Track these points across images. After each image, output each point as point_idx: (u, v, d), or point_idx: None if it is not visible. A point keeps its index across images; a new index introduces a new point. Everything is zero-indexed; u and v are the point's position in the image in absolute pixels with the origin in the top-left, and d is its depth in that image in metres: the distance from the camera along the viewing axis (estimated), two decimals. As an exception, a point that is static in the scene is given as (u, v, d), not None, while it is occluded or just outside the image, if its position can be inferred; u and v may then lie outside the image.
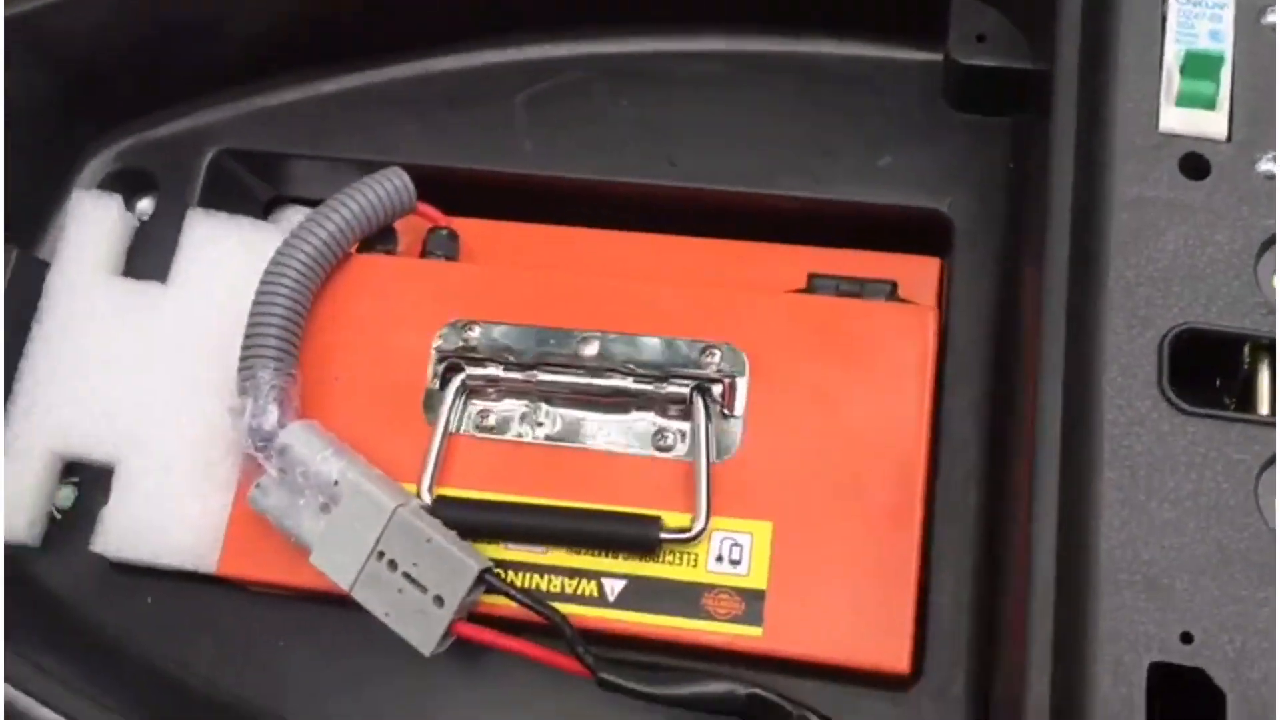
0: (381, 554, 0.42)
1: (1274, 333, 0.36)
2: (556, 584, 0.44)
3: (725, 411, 0.45)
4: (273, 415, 0.44)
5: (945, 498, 0.44)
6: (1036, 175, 0.41)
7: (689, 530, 0.43)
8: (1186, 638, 0.33)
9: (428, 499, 0.44)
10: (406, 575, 0.42)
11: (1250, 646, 0.33)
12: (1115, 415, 0.35)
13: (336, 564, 0.43)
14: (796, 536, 0.43)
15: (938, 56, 0.49)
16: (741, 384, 0.45)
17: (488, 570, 0.42)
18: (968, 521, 0.44)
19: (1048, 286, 0.38)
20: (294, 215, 0.54)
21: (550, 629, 0.42)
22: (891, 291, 0.47)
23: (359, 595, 0.43)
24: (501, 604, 0.43)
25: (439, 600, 0.42)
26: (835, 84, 0.50)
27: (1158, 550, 0.34)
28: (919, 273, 0.48)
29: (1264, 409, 0.36)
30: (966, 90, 0.48)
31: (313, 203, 0.53)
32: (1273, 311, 0.36)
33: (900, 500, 0.43)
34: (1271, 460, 0.35)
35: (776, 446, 0.44)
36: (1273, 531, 0.34)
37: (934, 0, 0.48)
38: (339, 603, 0.44)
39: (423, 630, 0.42)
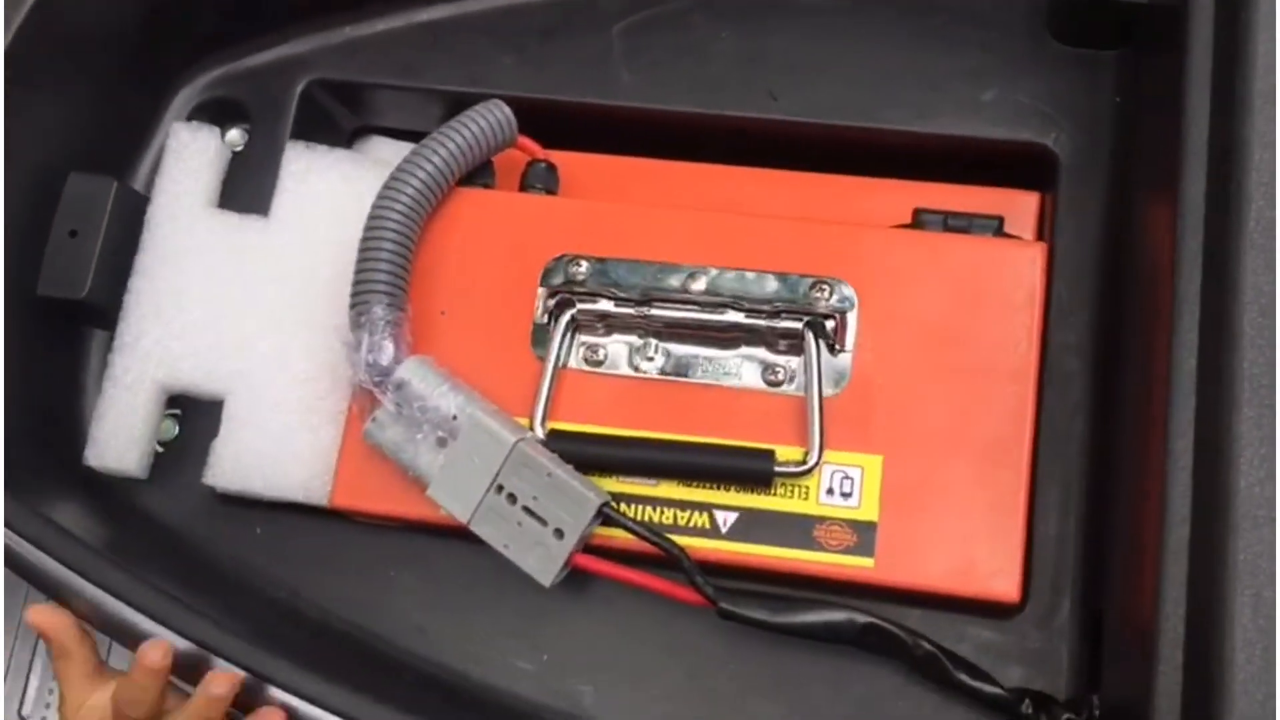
0: (501, 487, 0.43)
1: None
2: (669, 516, 0.45)
3: (836, 346, 0.45)
4: (389, 350, 0.44)
5: (1050, 430, 0.45)
6: (1162, 112, 0.41)
7: (803, 464, 0.44)
8: (1319, 569, 0.34)
9: (540, 433, 0.45)
10: (526, 509, 0.43)
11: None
12: (1255, 355, 0.36)
13: (455, 497, 0.43)
14: (907, 469, 0.44)
15: (1044, -11, 0.48)
16: (851, 319, 0.45)
17: (607, 504, 0.43)
18: (1073, 454, 0.45)
19: (1183, 226, 0.38)
20: (380, 146, 0.54)
21: (667, 560, 0.43)
22: (999, 227, 0.47)
23: (477, 528, 0.43)
24: (616, 536, 0.44)
25: (559, 533, 0.42)
26: (938, 16, 0.50)
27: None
28: (1019, 207, 0.48)
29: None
30: (1073, 24, 0.48)
31: (399, 134, 0.54)
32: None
33: (1009, 433, 0.44)
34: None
35: (886, 381, 0.45)
36: None
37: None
38: (446, 534, 0.45)
39: (543, 561, 0.42)
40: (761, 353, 0.46)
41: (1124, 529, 0.40)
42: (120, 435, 0.46)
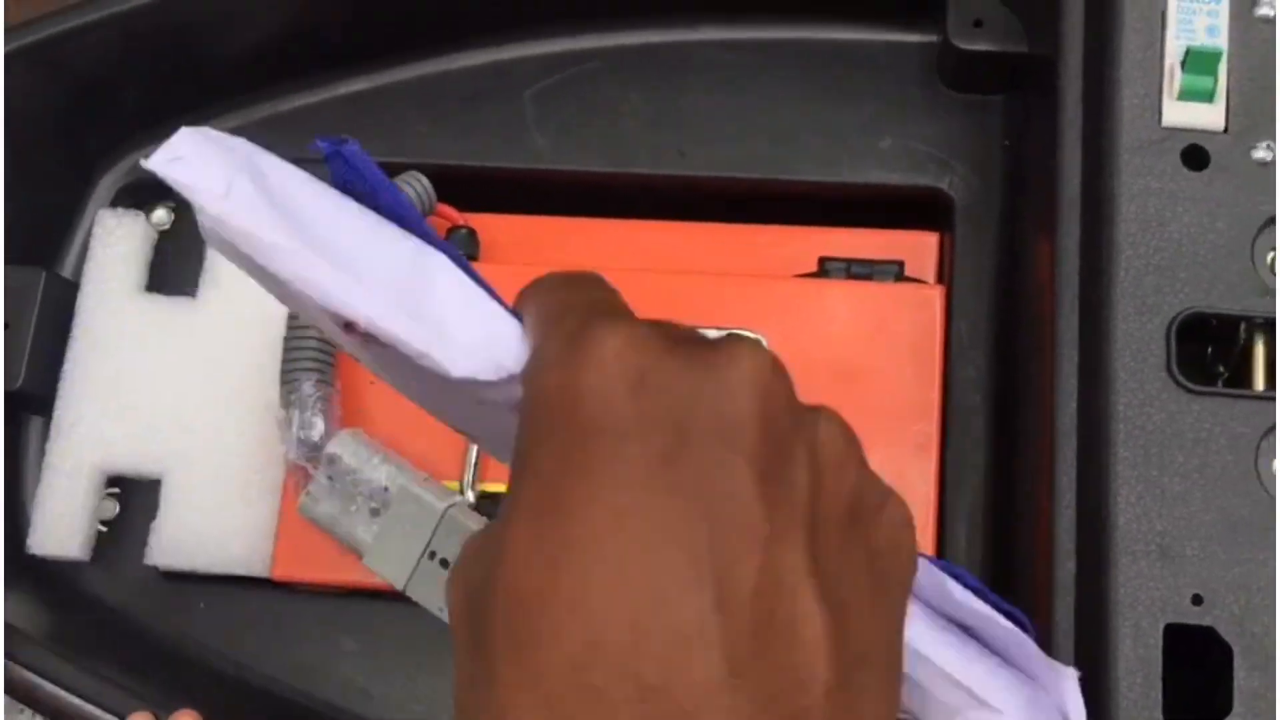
0: (434, 553, 0.45)
1: (1270, 312, 0.39)
2: (599, 569, 0.47)
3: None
4: (319, 426, 0.46)
5: (955, 465, 0.48)
6: (1042, 161, 0.44)
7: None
8: (1197, 600, 0.37)
9: (471, 496, 0.47)
10: (460, 572, 0.45)
11: (1254, 604, 0.37)
12: (1128, 398, 0.39)
13: (391, 565, 0.45)
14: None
15: (933, 38, 0.51)
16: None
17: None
18: (977, 487, 0.47)
19: (1060, 277, 0.41)
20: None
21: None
22: (899, 272, 0.50)
23: (413, 593, 0.45)
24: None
25: (492, 593, 0.44)
26: (836, 69, 0.52)
27: (1169, 521, 0.38)
28: (921, 248, 0.51)
29: (1260, 384, 0.40)
30: (963, 73, 0.51)
31: (324, 202, 0.55)
32: (1269, 293, 0.39)
33: (916, 470, 0.46)
34: (1269, 430, 0.38)
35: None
36: (1272, 498, 0.38)
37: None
38: (387, 597, 0.47)
39: (479, 622, 0.45)
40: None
41: (1022, 561, 0.43)
42: (61, 522, 0.48)
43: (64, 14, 0.50)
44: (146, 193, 0.53)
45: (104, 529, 0.50)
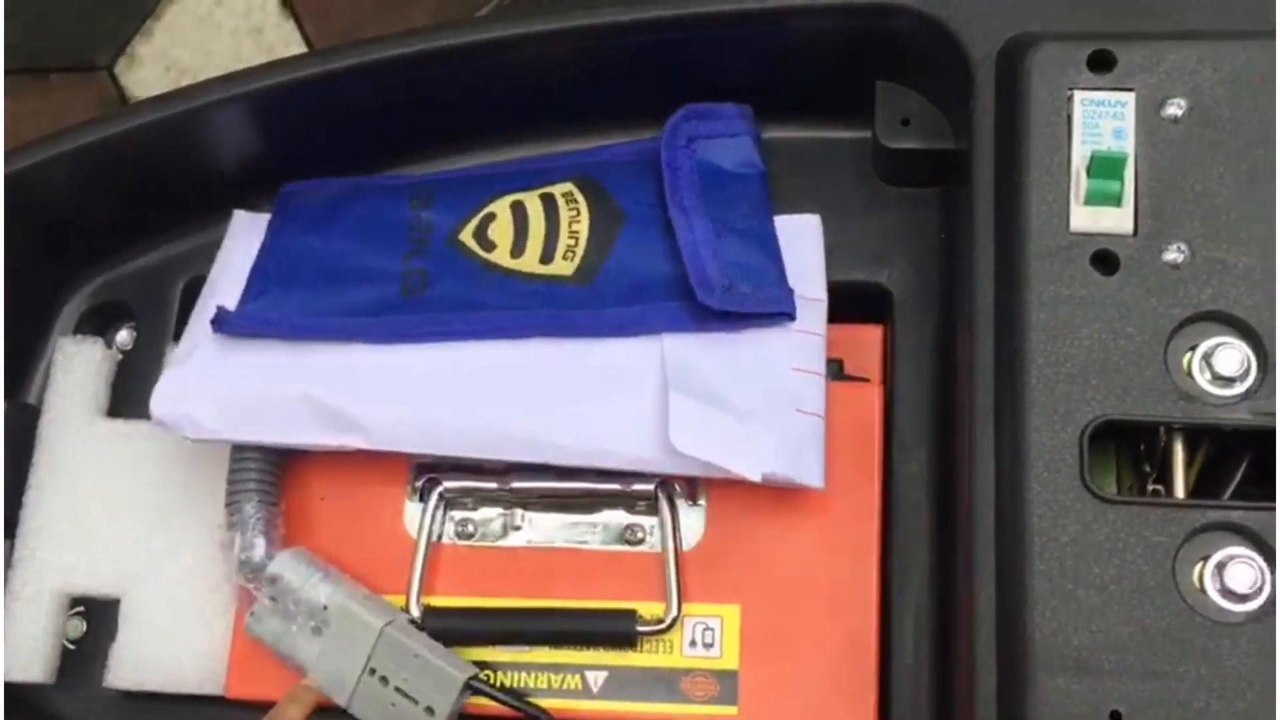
0: (374, 670, 0.46)
1: (1185, 418, 0.39)
2: (544, 680, 0.47)
3: (689, 501, 0.48)
4: (260, 547, 0.47)
5: (901, 560, 0.47)
6: (960, 263, 0.44)
7: (663, 621, 0.46)
8: (1115, 716, 0.37)
9: (415, 611, 0.48)
10: (398, 689, 0.45)
11: (1174, 718, 0.36)
12: (1042, 510, 0.39)
13: (332, 682, 0.46)
14: (764, 616, 0.47)
15: (867, 134, 0.51)
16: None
17: (474, 678, 0.46)
18: (921, 582, 0.47)
19: (975, 385, 0.41)
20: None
21: (538, 726, 0.45)
22: (839, 371, 0.50)
23: (356, 710, 0.46)
24: (487, 704, 0.46)
25: (430, 710, 0.45)
26: (772, 167, 0.52)
27: (1086, 635, 0.37)
28: (864, 341, 0.51)
29: (1180, 491, 0.39)
30: (896, 168, 0.51)
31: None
32: (1183, 397, 0.39)
33: (858, 571, 0.46)
34: (1188, 537, 0.38)
35: (739, 531, 0.48)
36: (1190, 609, 0.37)
37: (861, 85, 0.50)
38: (338, 712, 0.48)
39: (419, 740, 0.45)
40: (620, 514, 0.49)
41: (954, 675, 0.43)
42: (24, 647, 0.49)
43: (27, 149, 0.52)
44: (109, 314, 0.55)
45: (72, 647, 0.51)
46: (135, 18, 0.93)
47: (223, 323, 0.48)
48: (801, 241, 0.51)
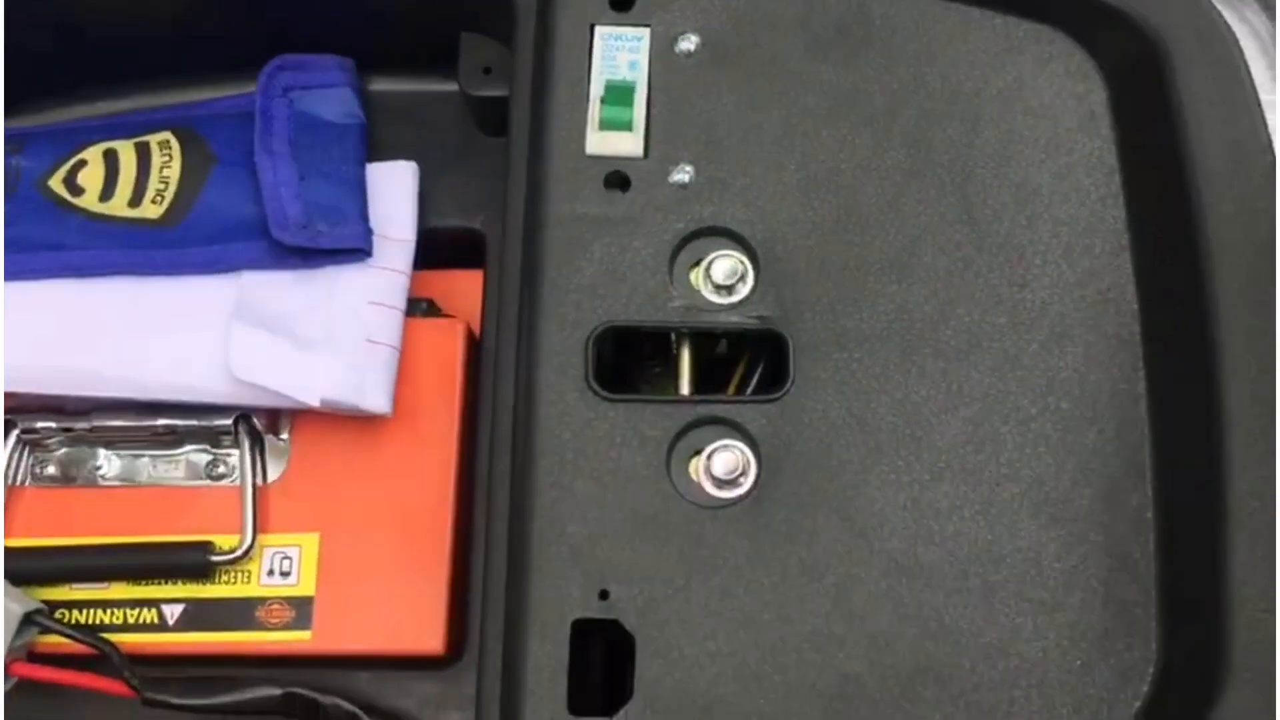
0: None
1: (682, 321, 0.42)
2: (119, 616, 0.48)
3: (273, 435, 0.50)
4: None
5: (485, 492, 0.50)
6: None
7: (236, 550, 0.48)
8: (604, 595, 0.40)
9: (-9, 551, 0.48)
10: (-39, 625, 0.46)
11: (656, 595, 0.40)
12: (548, 409, 0.42)
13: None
14: (343, 544, 0.48)
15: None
16: (285, 409, 0.50)
17: (37, 612, 0.46)
18: (505, 512, 0.50)
19: (501, 302, 0.44)
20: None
21: (103, 658, 0.46)
22: (428, 308, 0.52)
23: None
24: (67, 643, 0.47)
25: (-9, 645, 0.45)
26: (376, 119, 0.55)
27: (581, 523, 0.40)
28: (463, 287, 0.54)
29: (685, 390, 0.43)
30: (486, 117, 0.54)
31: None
32: (686, 305, 0.43)
33: (435, 500, 0.49)
34: (683, 431, 0.41)
35: (322, 463, 0.49)
36: (678, 494, 0.41)
37: (454, 38, 0.53)
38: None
39: (-22, 675, 0.45)
40: (204, 451, 0.50)
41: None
42: None
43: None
44: None
45: None
46: None
47: None
48: (392, 187, 0.53)
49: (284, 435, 0.50)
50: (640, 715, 0.38)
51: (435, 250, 0.54)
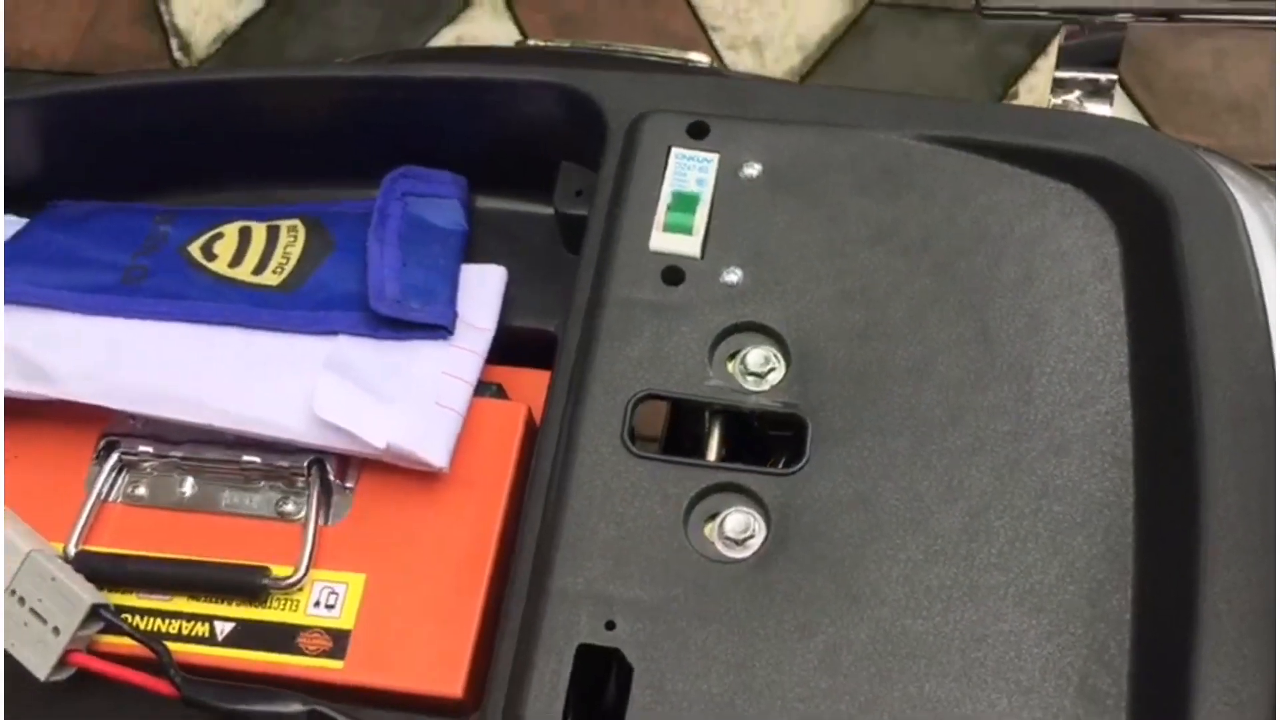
0: (14, 591, 0.52)
1: (711, 397, 0.48)
2: (174, 626, 0.54)
3: (339, 481, 0.56)
4: (-63, 475, 0.54)
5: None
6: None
7: (290, 578, 0.54)
8: (610, 625, 0.44)
9: (72, 551, 0.55)
10: (33, 610, 0.52)
11: (658, 633, 0.44)
12: (584, 458, 0.48)
13: (-27, 601, 0.53)
14: (386, 588, 0.54)
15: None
16: (354, 461, 0.56)
17: (102, 606, 0.52)
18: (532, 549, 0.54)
19: (560, 366, 0.51)
20: None
21: (153, 662, 0.52)
22: (497, 391, 0.59)
23: (-10, 628, 0.52)
24: (125, 644, 0.53)
25: (56, 630, 0.51)
26: (477, 230, 0.64)
27: (599, 561, 0.46)
28: (533, 381, 0.61)
29: (711, 457, 0.49)
30: (571, 235, 0.62)
31: None
32: (724, 388, 0.49)
33: (474, 559, 0.54)
34: (703, 494, 0.47)
35: (380, 513, 0.56)
36: (692, 548, 0.46)
37: (552, 165, 0.63)
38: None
39: (40, 656, 0.51)
40: (279, 491, 0.57)
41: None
42: None
43: None
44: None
45: None
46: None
47: None
48: (481, 285, 0.61)
49: (349, 484, 0.56)
50: (629, 739, 0.42)
51: (511, 349, 0.62)
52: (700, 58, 0.65)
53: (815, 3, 1.37)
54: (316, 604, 0.54)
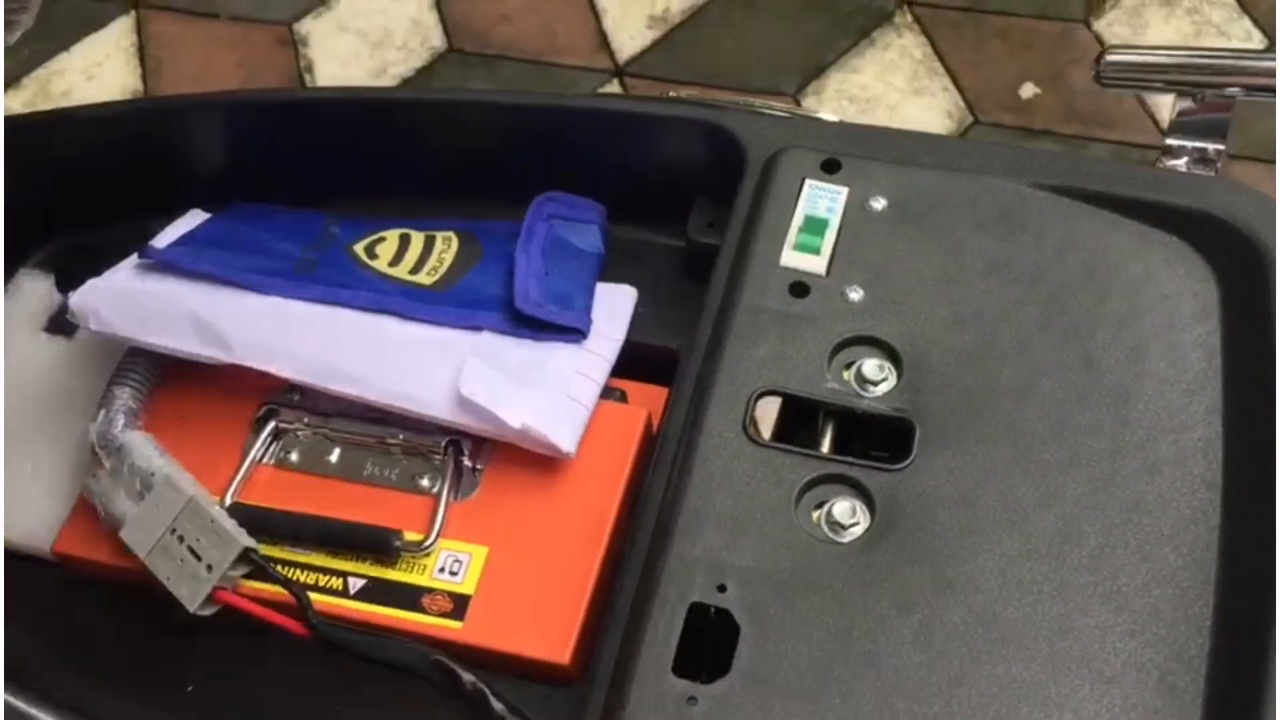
0: (174, 530, 0.59)
1: (824, 397, 0.54)
2: (312, 578, 0.60)
3: (471, 463, 0.62)
4: (119, 424, 0.62)
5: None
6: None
7: (421, 543, 0.59)
8: (722, 588, 0.49)
9: (228, 503, 0.61)
10: (190, 548, 0.58)
11: (764, 599, 0.49)
12: (708, 442, 0.53)
13: (139, 538, 0.59)
14: (507, 561, 0.59)
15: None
16: (486, 445, 0.62)
17: (252, 550, 0.58)
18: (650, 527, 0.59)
19: (691, 360, 0.56)
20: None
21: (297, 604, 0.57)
22: (621, 396, 0.65)
23: (150, 563, 0.59)
24: (271, 590, 0.58)
25: (209, 568, 0.57)
26: (612, 254, 0.70)
27: (715, 531, 0.51)
28: (653, 395, 0.66)
29: (825, 450, 0.53)
30: (699, 264, 0.68)
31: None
32: (839, 390, 0.54)
33: (590, 540, 0.59)
34: (813, 483, 0.52)
35: (506, 493, 0.61)
36: (799, 527, 0.50)
37: (686, 200, 0.69)
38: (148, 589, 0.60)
39: (191, 590, 0.57)
40: (418, 464, 0.63)
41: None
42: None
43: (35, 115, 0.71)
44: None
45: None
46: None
47: (145, 253, 0.65)
48: (614, 302, 0.68)
49: (480, 465, 0.62)
50: (731, 687, 0.47)
51: (635, 364, 0.67)
52: (830, 116, 0.72)
53: (921, 119, 1.44)
54: (442, 569, 0.59)
